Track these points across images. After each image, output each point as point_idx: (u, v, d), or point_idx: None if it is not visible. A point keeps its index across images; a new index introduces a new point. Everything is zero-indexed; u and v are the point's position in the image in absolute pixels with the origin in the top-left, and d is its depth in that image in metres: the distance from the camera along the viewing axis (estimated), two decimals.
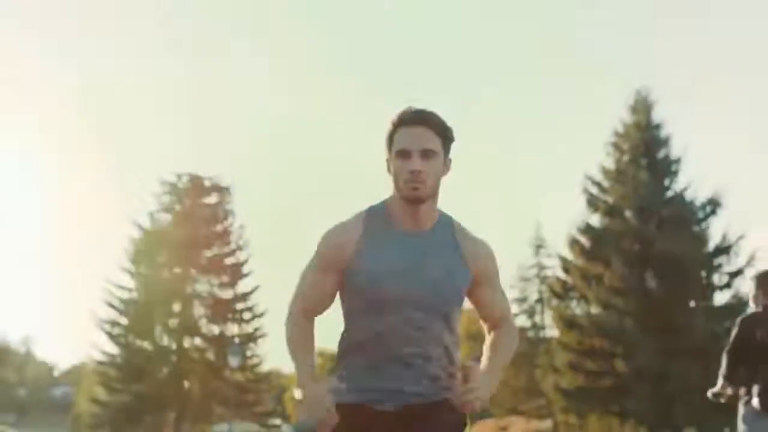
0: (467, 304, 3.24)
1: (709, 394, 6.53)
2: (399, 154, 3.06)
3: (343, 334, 3.20)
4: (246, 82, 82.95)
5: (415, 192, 3.04)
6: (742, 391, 6.23)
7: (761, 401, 6.04)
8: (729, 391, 6.31)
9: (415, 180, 3.03)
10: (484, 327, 3.33)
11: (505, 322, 3.31)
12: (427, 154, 3.04)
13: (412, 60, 78.27)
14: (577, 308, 33.37)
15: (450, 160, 3.16)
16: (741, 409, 6.24)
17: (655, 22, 73.74)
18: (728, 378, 6.27)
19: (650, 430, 29.63)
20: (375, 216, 3.16)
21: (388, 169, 3.14)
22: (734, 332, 6.29)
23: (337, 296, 3.22)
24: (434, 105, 3.10)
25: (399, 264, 3.07)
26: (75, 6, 69.72)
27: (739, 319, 6.35)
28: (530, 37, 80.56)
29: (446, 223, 3.18)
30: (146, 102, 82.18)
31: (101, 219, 66.55)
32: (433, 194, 3.11)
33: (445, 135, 3.10)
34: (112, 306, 38.79)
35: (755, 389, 6.10)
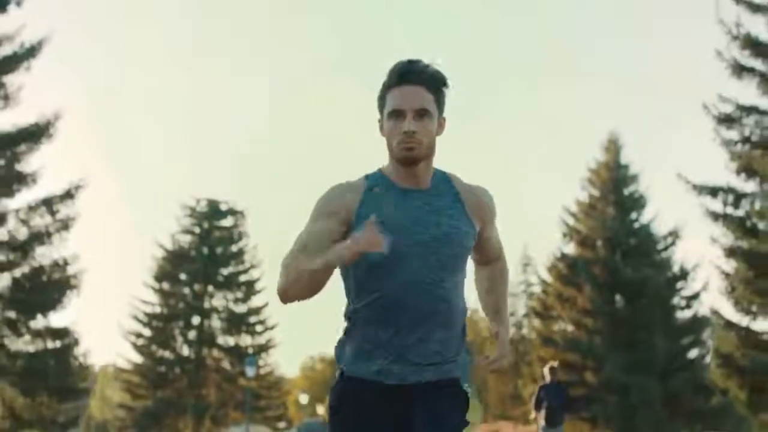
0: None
1: (530, 417, 13.26)
2: (392, 114, 3.05)
3: (348, 303, 3.17)
4: (254, 104, 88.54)
5: (409, 153, 3.03)
6: (539, 415, 12.86)
7: (546, 420, 12.69)
8: (537, 417, 12.94)
9: (410, 141, 3.02)
10: (474, 260, 3.42)
11: (500, 258, 3.42)
12: (421, 113, 3.03)
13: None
14: (554, 326, 39.47)
15: (444, 119, 3.14)
16: (538, 424, 12.94)
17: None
18: (536, 410, 12.87)
19: None
20: (375, 177, 3.16)
21: (381, 131, 3.13)
22: (536, 392, 12.92)
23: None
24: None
25: (404, 216, 3.06)
26: (75, 12, 75.07)
27: (539, 386, 13.00)
28: (530, 50, 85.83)
29: (444, 178, 3.18)
30: (154, 119, 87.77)
31: (124, 241, 72.31)
32: (428, 154, 3.09)
33: (440, 92, 3.10)
34: (136, 319, 43.18)
35: (542, 414, 12.73)
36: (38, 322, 23.71)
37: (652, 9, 77.29)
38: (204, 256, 44.56)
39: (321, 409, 70.90)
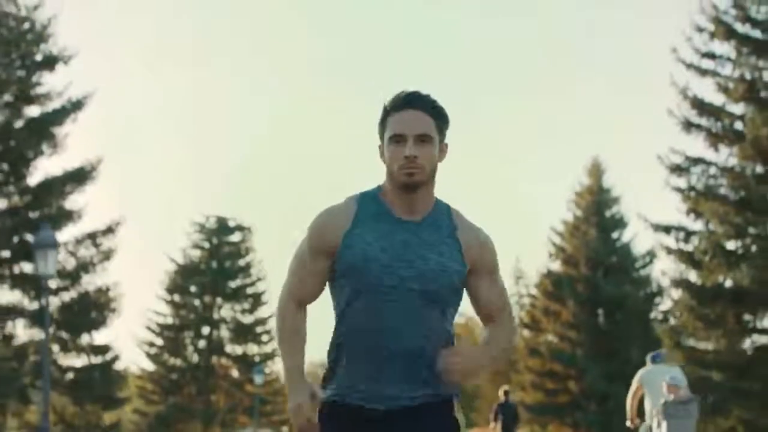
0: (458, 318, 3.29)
1: (490, 426, 17.71)
2: (393, 139, 3.08)
3: (334, 330, 3.19)
4: (259, 120, 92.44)
5: (410, 178, 3.05)
6: (497, 425, 17.39)
7: (501, 429, 17.34)
8: (495, 426, 17.49)
9: (411, 166, 3.04)
10: (480, 320, 3.32)
11: (503, 316, 3.27)
12: (422, 138, 3.06)
13: (414, 63, 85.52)
14: (541, 337, 43.83)
15: (446, 145, 3.18)
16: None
17: None
18: (494, 421, 17.40)
19: None
20: (368, 200, 3.16)
21: (381, 156, 3.16)
22: (495, 408, 17.38)
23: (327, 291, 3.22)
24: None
25: (390, 249, 3.06)
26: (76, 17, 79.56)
27: (497, 404, 17.51)
28: (529, 54, 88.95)
29: (443, 210, 3.17)
30: (162, 144, 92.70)
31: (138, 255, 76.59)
32: (429, 181, 3.11)
33: (441, 119, 3.14)
34: (150, 329, 46.19)
35: (499, 425, 17.29)
36: (84, 340, 28.20)
37: (651, 11, 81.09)
38: (213, 270, 47.51)
39: None
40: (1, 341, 26.33)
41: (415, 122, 3.08)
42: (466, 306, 3.26)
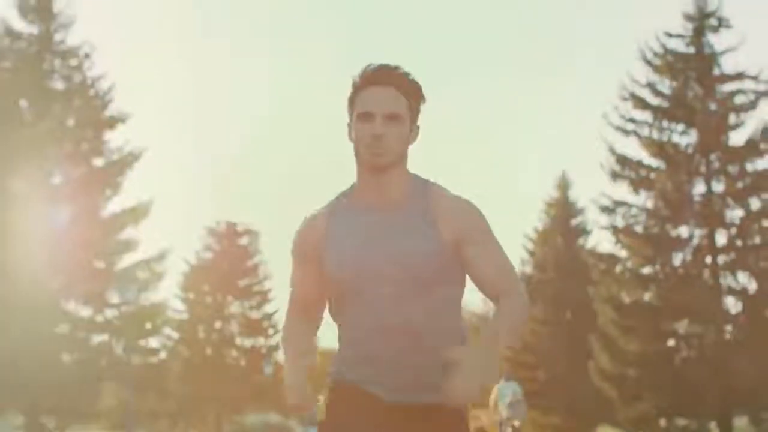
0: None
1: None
2: (361, 116, 3.09)
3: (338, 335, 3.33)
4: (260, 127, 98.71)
5: (376, 159, 3.09)
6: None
7: None
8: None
9: (378, 145, 3.07)
10: (488, 298, 3.25)
11: (506, 290, 3.17)
12: (391, 117, 3.08)
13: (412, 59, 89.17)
14: None
15: (418, 126, 3.18)
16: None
17: None
18: None
19: (562, 420, 49.63)
20: (341, 201, 3.24)
21: (349, 135, 3.17)
22: None
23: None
24: (436, 107, 3.24)
25: (362, 248, 3.13)
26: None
27: None
28: (524, 42, 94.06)
29: (418, 188, 3.19)
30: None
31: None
32: (399, 162, 3.13)
33: (413, 97, 3.14)
34: (166, 324, 49.55)
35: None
36: (141, 344, 38.10)
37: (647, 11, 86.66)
38: (224, 270, 54.52)
39: (320, 398, 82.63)
40: (82, 347, 36.01)
41: (385, 100, 3.09)
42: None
